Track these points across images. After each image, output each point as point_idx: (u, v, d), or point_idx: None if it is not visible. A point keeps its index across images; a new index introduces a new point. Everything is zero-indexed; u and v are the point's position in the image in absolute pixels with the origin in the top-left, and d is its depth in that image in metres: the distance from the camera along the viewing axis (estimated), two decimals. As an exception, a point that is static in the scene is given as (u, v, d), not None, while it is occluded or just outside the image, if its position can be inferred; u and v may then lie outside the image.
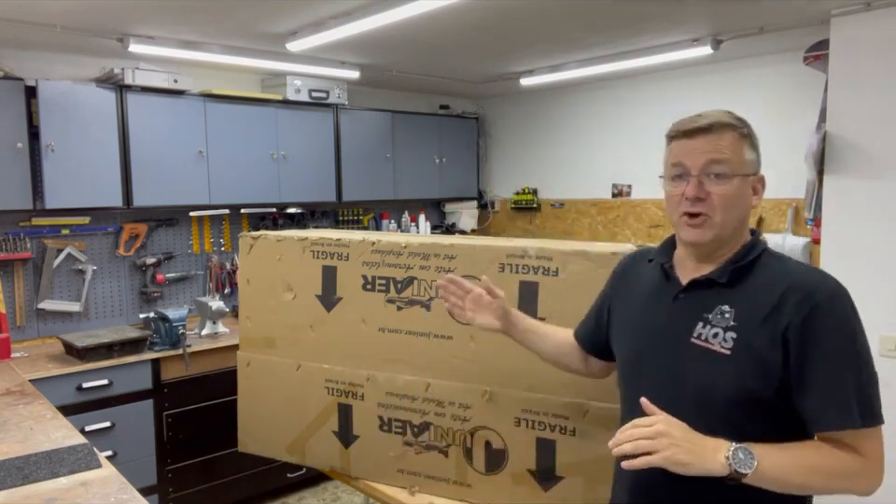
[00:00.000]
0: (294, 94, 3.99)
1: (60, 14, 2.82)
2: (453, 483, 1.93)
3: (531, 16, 2.95)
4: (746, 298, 1.23)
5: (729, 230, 1.26)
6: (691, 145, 1.27)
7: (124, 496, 1.70)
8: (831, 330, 1.16)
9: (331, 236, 2.12)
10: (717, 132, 1.25)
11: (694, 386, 1.24)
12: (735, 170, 1.24)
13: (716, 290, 1.27)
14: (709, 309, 1.26)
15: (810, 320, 1.16)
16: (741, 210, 1.27)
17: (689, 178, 1.26)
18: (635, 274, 1.47)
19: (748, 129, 1.29)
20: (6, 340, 3.16)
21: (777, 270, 1.25)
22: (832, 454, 1.16)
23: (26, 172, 3.18)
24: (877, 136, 2.68)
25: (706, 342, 1.24)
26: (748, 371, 1.19)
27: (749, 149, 1.27)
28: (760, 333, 1.19)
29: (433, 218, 5.21)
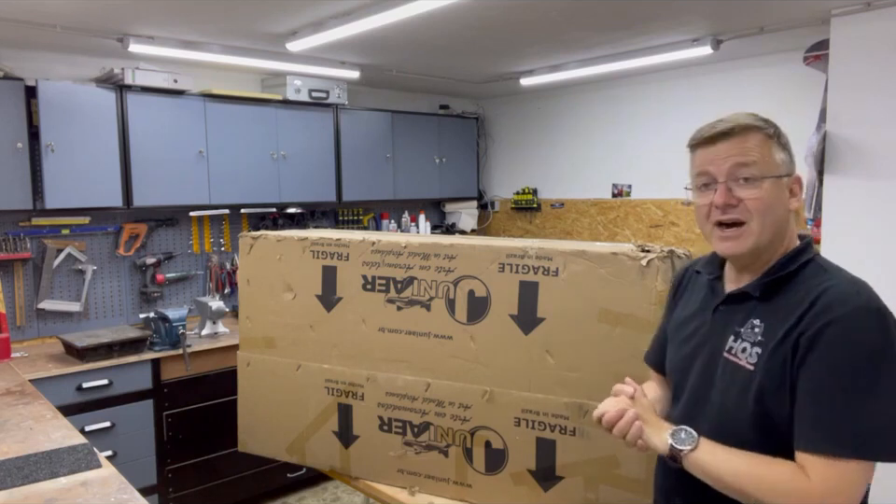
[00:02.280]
0: (294, 94, 3.99)
1: (60, 14, 2.82)
2: (453, 483, 1.93)
3: (531, 16, 2.95)
4: (777, 312, 1.17)
5: (767, 237, 1.18)
6: (714, 151, 1.20)
7: (124, 496, 1.70)
8: (841, 343, 1.06)
9: (331, 236, 2.12)
10: (740, 134, 1.19)
11: (721, 403, 1.21)
12: (765, 172, 1.17)
13: (750, 303, 1.22)
14: (742, 323, 1.21)
15: (822, 331, 1.08)
16: (778, 214, 1.18)
17: (716, 186, 1.20)
18: (687, 283, 1.44)
19: (774, 129, 1.22)
20: (6, 340, 3.16)
21: (816, 281, 1.15)
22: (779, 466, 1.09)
23: (26, 172, 3.18)
24: (877, 136, 2.68)
25: (735, 356, 1.20)
26: (768, 387, 1.13)
27: (777, 149, 1.20)
28: (780, 348, 1.13)
29: (433, 218, 5.20)
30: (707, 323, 1.29)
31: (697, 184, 1.25)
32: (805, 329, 1.10)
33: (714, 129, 1.21)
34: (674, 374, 1.38)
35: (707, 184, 1.22)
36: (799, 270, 1.19)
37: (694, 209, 1.28)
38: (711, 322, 1.28)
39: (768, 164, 1.18)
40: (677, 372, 1.36)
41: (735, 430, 1.17)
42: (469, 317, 1.87)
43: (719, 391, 1.22)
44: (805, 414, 1.09)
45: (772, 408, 1.13)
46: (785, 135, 1.23)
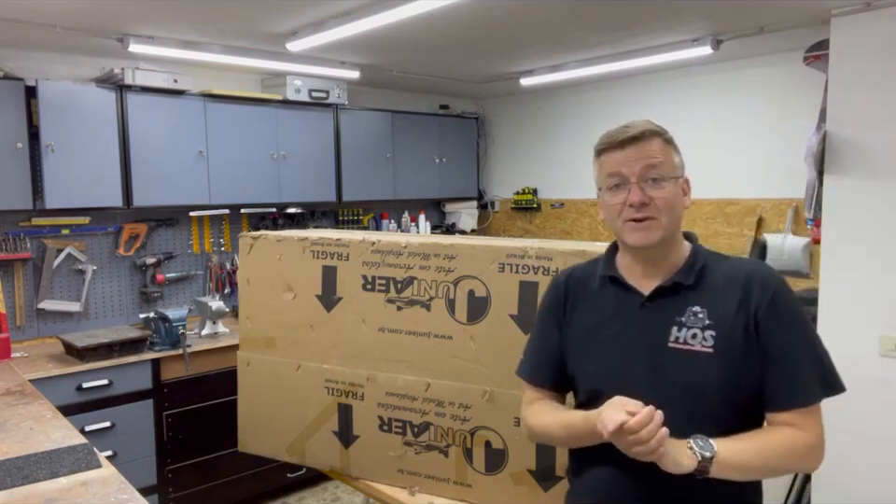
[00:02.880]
0: (294, 94, 3.99)
1: (60, 14, 2.82)
2: (453, 483, 1.93)
3: (531, 16, 2.95)
4: (713, 296, 1.30)
5: (671, 230, 1.31)
6: (624, 154, 1.30)
7: (124, 496, 1.70)
8: (789, 312, 1.27)
9: (331, 236, 2.12)
10: (646, 139, 1.30)
11: (683, 390, 1.26)
12: (668, 173, 1.30)
13: (682, 294, 1.31)
14: (681, 312, 1.30)
15: (774, 303, 1.26)
16: (679, 211, 1.33)
17: (629, 186, 1.29)
18: (576, 293, 1.45)
19: (669, 135, 1.35)
20: (6, 340, 3.16)
21: (727, 266, 1.34)
22: (781, 435, 1.24)
23: (26, 172, 3.18)
24: (877, 136, 2.68)
25: (685, 343, 1.28)
26: (734, 364, 1.25)
27: (674, 154, 1.34)
28: (735, 325, 1.26)
29: (433, 218, 5.20)
30: (635, 323, 1.34)
31: (609, 184, 1.34)
32: (757, 305, 1.26)
33: (625, 133, 1.31)
34: (601, 381, 1.35)
35: (619, 184, 1.31)
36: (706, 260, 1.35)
37: (603, 207, 1.37)
38: (640, 319, 1.33)
39: (670, 167, 1.31)
40: (608, 378, 1.34)
41: (705, 410, 1.25)
42: (469, 317, 1.87)
43: (677, 379, 1.27)
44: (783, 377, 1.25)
45: (739, 380, 1.25)
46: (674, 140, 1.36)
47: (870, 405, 2.67)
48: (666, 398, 1.24)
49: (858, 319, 2.73)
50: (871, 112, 2.69)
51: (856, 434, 2.68)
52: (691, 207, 4.04)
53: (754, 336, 1.25)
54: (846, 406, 2.74)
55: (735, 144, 3.89)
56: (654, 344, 1.30)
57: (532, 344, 1.54)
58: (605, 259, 1.44)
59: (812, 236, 3.48)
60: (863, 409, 2.69)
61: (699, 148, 4.06)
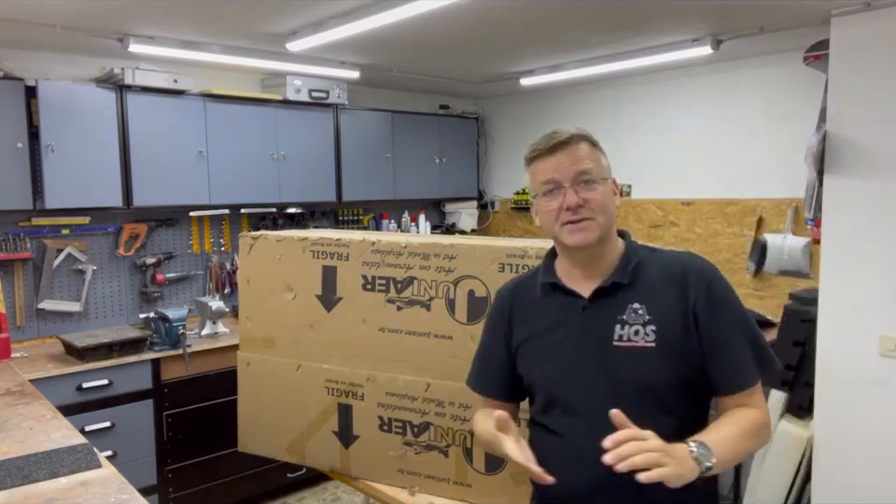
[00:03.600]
0: (294, 94, 3.99)
1: (60, 14, 2.82)
2: (453, 483, 1.93)
3: (531, 16, 2.95)
4: (650, 291, 1.34)
5: (607, 230, 1.35)
6: (555, 160, 1.34)
7: (124, 496, 1.70)
8: (725, 301, 1.32)
9: (331, 236, 2.12)
10: (574, 143, 1.34)
11: (632, 386, 1.30)
12: (598, 175, 1.34)
13: (621, 293, 1.35)
14: (621, 311, 1.33)
15: (710, 294, 1.31)
16: (612, 211, 1.36)
17: (563, 190, 1.33)
18: (522, 302, 1.48)
19: (594, 139, 1.40)
20: (6, 340, 3.16)
21: (661, 259, 1.39)
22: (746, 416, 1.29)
23: (26, 172, 3.18)
24: (877, 136, 2.68)
25: (629, 340, 1.31)
26: (675, 357, 1.29)
27: (601, 156, 1.38)
28: (674, 318, 1.30)
29: (433, 218, 5.20)
30: (578, 325, 1.36)
31: (543, 191, 1.37)
32: (695, 298, 1.30)
33: (553, 140, 1.35)
34: (554, 387, 1.39)
35: (553, 189, 1.35)
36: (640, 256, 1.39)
37: (540, 214, 1.39)
38: (583, 322, 1.36)
39: (599, 169, 1.35)
40: (559, 384, 1.38)
41: (657, 403, 1.29)
42: (469, 317, 1.87)
43: (625, 376, 1.30)
44: (728, 362, 1.30)
45: (683, 370, 1.30)
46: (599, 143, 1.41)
47: (870, 405, 2.67)
48: (619, 395, 1.28)
49: (858, 319, 2.73)
50: (871, 112, 2.69)
51: (856, 434, 2.68)
52: (691, 207, 4.08)
53: (694, 327, 1.29)
54: (846, 406, 2.75)
55: (735, 144, 3.89)
56: (600, 345, 1.33)
57: (478, 355, 1.58)
58: (543, 266, 1.47)
59: (812, 236, 3.48)
60: (863, 409, 2.69)
61: (699, 148, 4.07)
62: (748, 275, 3.81)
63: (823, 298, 2.84)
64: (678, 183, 4.16)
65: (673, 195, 4.18)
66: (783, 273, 3.64)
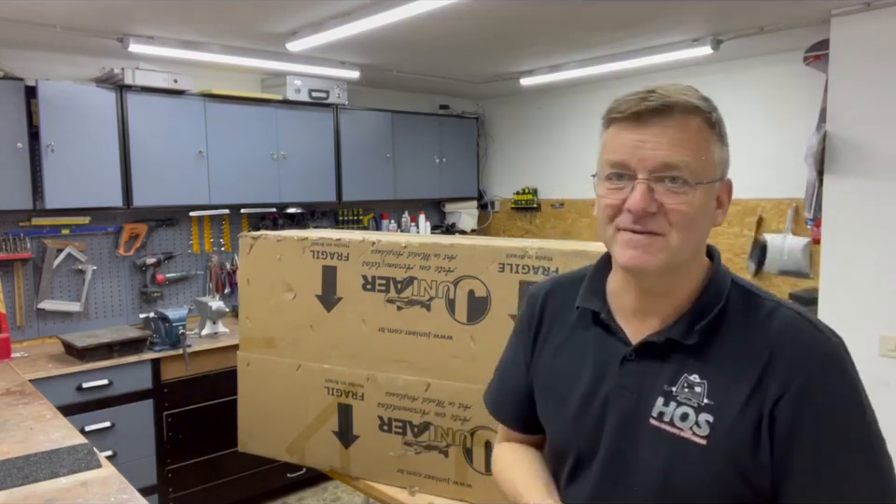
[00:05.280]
0: (294, 94, 3.99)
1: (60, 14, 2.82)
2: (453, 483, 1.93)
3: (531, 16, 2.95)
4: (721, 364, 0.92)
5: (686, 254, 0.92)
6: (640, 135, 0.90)
7: (124, 496, 1.70)
8: (832, 406, 0.87)
9: (331, 236, 2.12)
10: (679, 117, 0.89)
11: (657, 484, 0.93)
12: (700, 175, 0.89)
13: (679, 354, 0.95)
14: (673, 380, 0.94)
15: (806, 391, 0.87)
16: (704, 230, 0.94)
17: (633, 183, 0.90)
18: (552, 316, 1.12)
19: (716, 113, 0.93)
20: (6, 340, 3.16)
21: (755, 315, 0.93)
22: None
23: (26, 172, 3.18)
24: (877, 136, 2.68)
25: (671, 424, 0.93)
26: (729, 466, 0.89)
27: (717, 144, 0.92)
28: (744, 414, 0.88)
29: (433, 218, 5.20)
30: (613, 378, 0.99)
31: (607, 173, 0.94)
32: (782, 391, 0.87)
33: (644, 103, 0.89)
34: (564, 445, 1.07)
35: (621, 176, 0.92)
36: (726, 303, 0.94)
37: (597, 202, 0.97)
38: (620, 377, 0.98)
39: (705, 164, 0.90)
40: (568, 444, 1.05)
41: None
42: (469, 317, 1.87)
43: (654, 467, 0.94)
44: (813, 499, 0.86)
45: (738, 489, 0.89)
46: (724, 123, 0.95)
47: (870, 405, 2.67)
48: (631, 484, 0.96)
49: (858, 319, 2.73)
50: (871, 112, 2.69)
51: (856, 434, 2.68)
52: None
53: (768, 436, 0.87)
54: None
55: (735, 144, 3.83)
56: (631, 415, 0.96)
57: (499, 367, 1.27)
58: (591, 276, 1.08)
59: (812, 236, 3.48)
60: (863, 409, 2.69)
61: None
62: (748, 275, 3.81)
63: (823, 298, 2.84)
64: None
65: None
66: (783, 273, 3.64)
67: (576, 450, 1.03)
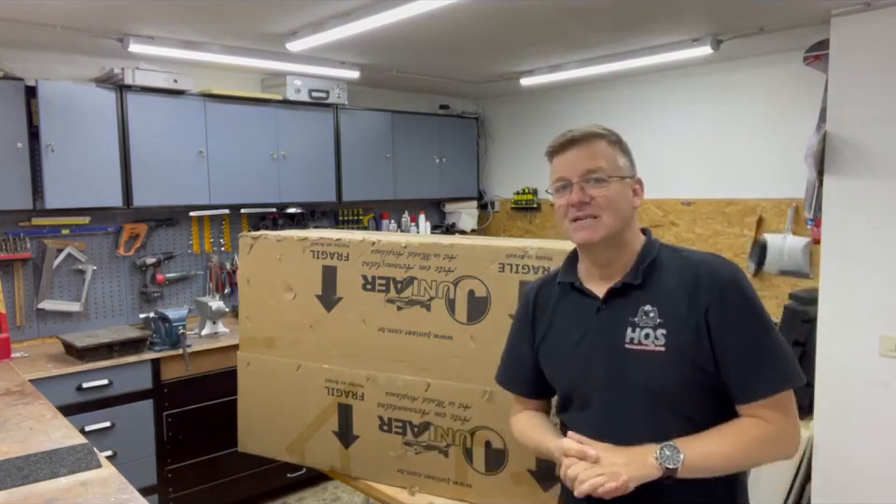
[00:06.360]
0: (294, 94, 3.99)
1: (60, 14, 2.82)
2: (453, 483, 1.93)
3: (531, 16, 2.95)
4: (663, 294, 1.31)
5: (616, 228, 1.34)
6: (568, 157, 1.37)
7: (124, 496, 1.70)
8: (740, 309, 1.27)
9: (331, 236, 2.12)
10: (588, 141, 1.36)
11: (641, 388, 1.30)
12: (611, 173, 1.34)
13: (634, 294, 1.34)
14: (633, 313, 1.32)
15: (722, 301, 1.26)
16: (624, 209, 1.35)
17: (571, 187, 1.35)
18: (544, 301, 1.50)
19: (616, 137, 1.39)
20: (6, 340, 3.16)
21: (680, 261, 1.35)
22: (748, 428, 1.25)
23: (26, 172, 3.18)
24: (877, 136, 2.68)
25: (639, 344, 1.30)
26: (684, 362, 1.27)
27: (620, 155, 1.37)
28: (686, 324, 1.28)
29: (433, 218, 5.20)
30: (593, 326, 1.37)
31: (556, 187, 1.39)
32: (707, 305, 1.27)
33: (565, 137, 1.37)
34: (571, 386, 1.42)
35: (565, 186, 1.37)
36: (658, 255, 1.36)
37: (555, 210, 1.42)
38: (597, 322, 1.36)
39: (614, 167, 1.35)
40: (574, 383, 1.41)
41: (667, 408, 1.28)
42: (469, 317, 1.87)
43: (635, 379, 1.30)
44: (740, 372, 1.26)
45: (694, 377, 1.27)
46: (625, 143, 1.40)
47: (870, 405, 2.67)
48: (629, 398, 1.31)
49: (858, 319, 2.73)
50: (871, 112, 2.69)
51: (856, 434, 2.68)
52: (691, 207, 4.08)
53: (706, 336, 1.26)
54: (846, 406, 2.75)
55: (735, 144, 3.89)
56: (612, 347, 1.33)
57: (505, 353, 1.61)
58: (564, 266, 1.48)
59: (812, 236, 3.48)
60: (863, 409, 2.69)
61: (699, 148, 4.07)
62: (748, 275, 3.81)
63: (823, 298, 2.84)
64: (678, 183, 4.16)
65: (673, 195, 4.18)
66: (783, 272, 3.64)
67: (579, 387, 1.39)
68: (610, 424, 1.31)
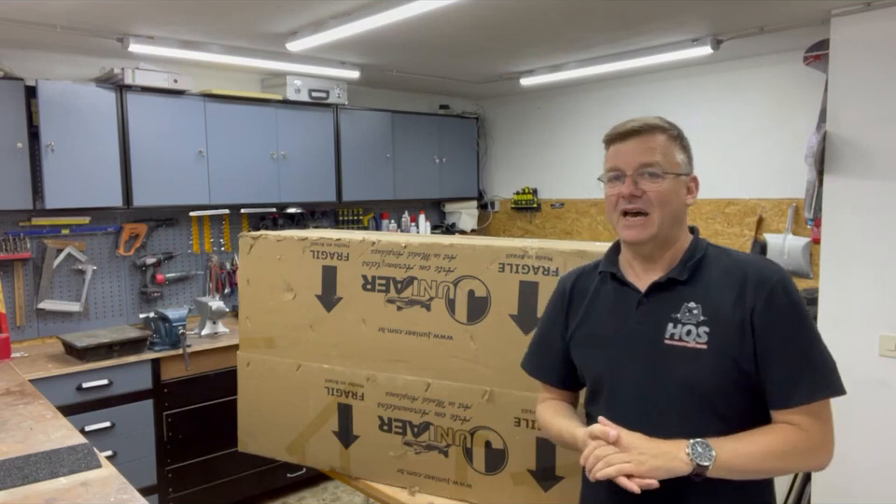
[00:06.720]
0: (294, 94, 3.99)
1: (60, 14, 2.82)
2: (453, 483, 1.93)
3: (531, 16, 2.95)
4: (708, 292, 1.30)
5: (666, 226, 1.32)
6: (624, 147, 1.34)
7: (124, 496, 1.70)
8: (786, 312, 1.25)
9: (331, 236, 2.12)
10: (647, 133, 1.33)
11: (678, 385, 1.28)
12: (666, 169, 1.31)
13: (678, 290, 1.32)
14: (676, 308, 1.31)
15: (769, 303, 1.25)
16: (675, 207, 1.33)
17: (624, 179, 1.33)
18: (581, 291, 1.48)
19: (677, 131, 1.36)
20: (6, 340, 3.16)
21: (727, 262, 1.33)
22: (784, 434, 1.23)
23: (26, 172, 3.18)
24: (877, 136, 2.68)
25: (680, 340, 1.29)
26: (726, 361, 1.25)
27: (679, 151, 1.35)
28: (731, 322, 1.26)
29: (433, 218, 5.20)
30: (633, 318, 1.35)
31: (609, 176, 1.37)
32: (753, 306, 1.25)
33: (625, 127, 1.34)
34: (602, 378, 1.40)
35: (618, 176, 1.34)
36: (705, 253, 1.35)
37: (605, 199, 1.39)
38: (638, 316, 1.35)
39: (670, 163, 1.33)
40: (607, 375, 1.38)
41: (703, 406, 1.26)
42: (469, 317, 1.87)
43: (673, 375, 1.28)
44: (780, 376, 1.24)
45: (734, 377, 1.25)
46: (686, 139, 1.38)
47: (870, 405, 2.67)
48: (664, 393, 1.29)
49: (857, 319, 2.73)
50: (871, 112, 2.69)
51: (856, 434, 2.68)
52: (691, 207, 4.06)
53: (750, 336, 1.24)
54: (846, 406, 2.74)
55: (735, 144, 3.89)
56: (651, 341, 1.31)
57: (534, 341, 1.59)
58: (606, 256, 1.46)
59: (812, 236, 3.48)
60: (863, 409, 2.69)
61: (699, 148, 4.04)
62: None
63: (823, 298, 2.84)
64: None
65: (673, 195, 4.17)
66: (783, 272, 3.64)
67: (611, 379, 1.37)
68: (642, 419, 1.29)
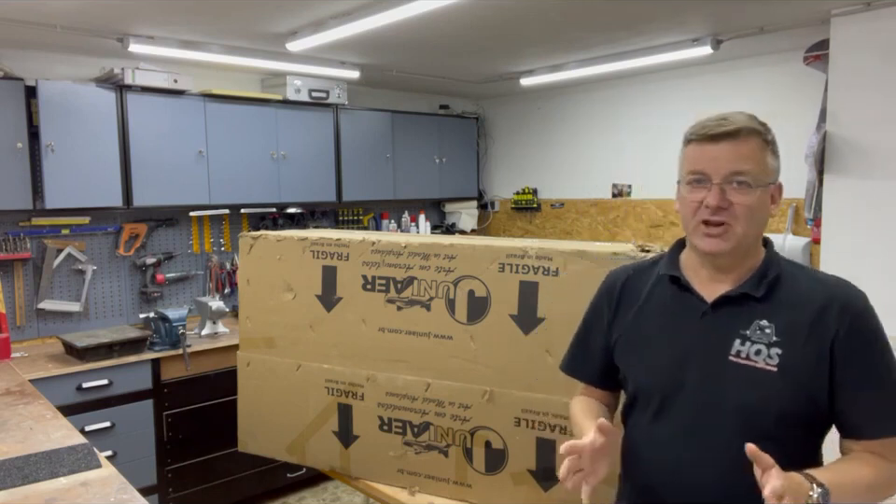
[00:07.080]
0: (294, 94, 3.99)
1: (60, 14, 2.82)
2: (453, 483, 1.93)
3: (531, 16, 2.95)
4: (783, 312, 1.20)
5: (749, 240, 1.22)
6: (714, 150, 1.19)
7: (124, 496, 1.70)
8: (872, 341, 1.17)
9: (331, 236, 2.12)
10: (743, 137, 1.19)
11: (740, 407, 1.19)
12: (758, 179, 1.19)
13: (749, 305, 1.22)
14: (746, 325, 1.21)
15: (852, 329, 1.16)
16: (761, 220, 1.23)
17: (710, 185, 1.19)
18: (632, 290, 1.38)
19: (771, 135, 1.23)
20: (6, 340, 3.16)
21: (806, 280, 1.23)
22: (876, 467, 1.15)
23: (26, 172, 3.18)
24: (877, 136, 2.68)
25: (748, 359, 1.19)
26: (796, 386, 1.16)
27: (771, 157, 1.23)
28: (807, 347, 1.16)
29: (433, 218, 5.20)
30: (694, 329, 1.25)
31: (690, 179, 1.23)
32: (835, 333, 1.16)
33: (720, 128, 1.19)
34: (651, 387, 1.30)
35: (701, 181, 1.21)
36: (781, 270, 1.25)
37: (679, 201, 1.27)
38: (700, 327, 1.24)
39: (763, 171, 1.20)
40: (656, 385, 1.29)
41: (760, 429, 1.16)
42: (469, 317, 1.87)
43: (734, 395, 1.19)
44: (866, 405, 1.16)
45: (803, 404, 1.17)
46: (776, 142, 1.25)
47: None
48: (718, 411, 1.20)
49: (858, 319, 2.73)
50: (871, 112, 2.69)
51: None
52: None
53: (827, 363, 1.15)
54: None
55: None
56: (713, 356, 1.22)
57: (576, 338, 1.50)
58: (668, 257, 1.35)
59: (812, 236, 3.48)
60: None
61: (699, 148, 4.08)
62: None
63: (823, 298, 2.84)
64: (677, 183, 4.16)
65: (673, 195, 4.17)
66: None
67: (662, 390, 1.27)
68: (693, 437, 1.21)
